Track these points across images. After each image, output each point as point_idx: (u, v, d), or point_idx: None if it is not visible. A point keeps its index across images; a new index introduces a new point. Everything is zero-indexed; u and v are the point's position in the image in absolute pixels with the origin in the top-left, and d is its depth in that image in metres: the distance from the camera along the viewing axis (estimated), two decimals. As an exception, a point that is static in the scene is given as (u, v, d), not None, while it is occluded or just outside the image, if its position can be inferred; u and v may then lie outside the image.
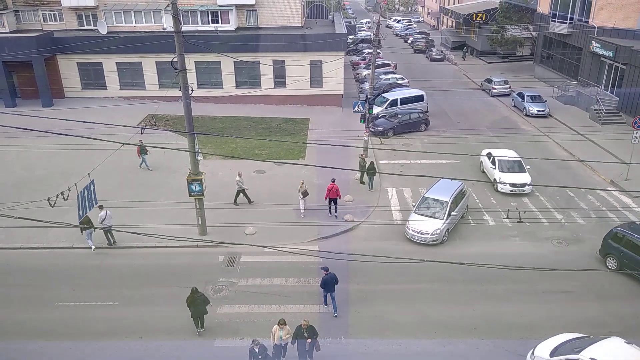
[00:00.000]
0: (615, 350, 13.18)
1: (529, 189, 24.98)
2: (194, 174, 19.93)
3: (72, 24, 42.66)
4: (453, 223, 21.68)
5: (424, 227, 20.74)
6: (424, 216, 21.27)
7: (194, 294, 15.76)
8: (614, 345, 13.38)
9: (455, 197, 21.83)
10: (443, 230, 20.83)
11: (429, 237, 20.66)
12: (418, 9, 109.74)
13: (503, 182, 25.03)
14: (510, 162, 25.90)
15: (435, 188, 22.54)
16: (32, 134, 17.29)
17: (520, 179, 25.12)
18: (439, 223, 20.85)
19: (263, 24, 42.44)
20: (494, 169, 26.03)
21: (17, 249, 20.46)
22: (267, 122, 35.52)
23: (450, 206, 21.32)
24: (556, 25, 42.57)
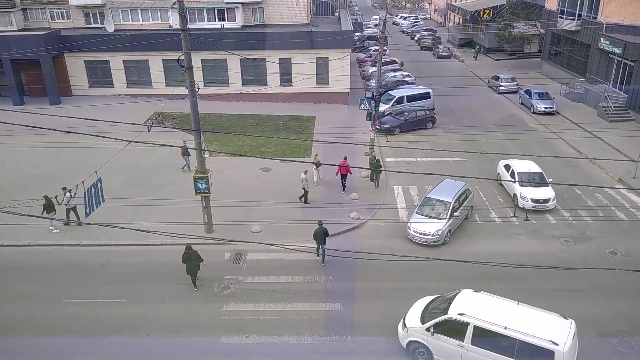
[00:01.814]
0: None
1: (553, 204, 23.17)
2: (200, 172, 19.98)
3: (79, 22, 42.85)
4: (456, 224, 21.38)
5: (425, 227, 20.50)
6: (426, 216, 21.00)
7: (188, 250, 17.28)
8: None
9: (458, 197, 21.57)
10: (445, 231, 20.54)
11: (430, 238, 20.40)
12: (425, 5, 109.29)
13: (524, 198, 23.18)
14: (531, 174, 23.97)
15: (439, 188, 22.34)
16: (40, 132, 17.37)
17: (543, 193, 23.19)
18: (440, 224, 20.56)
19: (269, 22, 42.43)
20: (513, 183, 24.08)
21: (25, 246, 20.60)
22: (273, 120, 35.54)
23: (453, 207, 21.03)
24: (564, 22, 42.24)
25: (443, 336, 13.94)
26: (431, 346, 14.19)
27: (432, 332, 14.05)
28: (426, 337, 14.20)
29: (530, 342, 12.84)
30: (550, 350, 12.56)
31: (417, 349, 14.49)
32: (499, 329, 13.22)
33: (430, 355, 14.36)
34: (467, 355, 13.67)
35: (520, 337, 12.96)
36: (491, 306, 14.10)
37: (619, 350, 15.19)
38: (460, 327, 13.66)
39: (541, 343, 12.71)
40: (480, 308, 13.98)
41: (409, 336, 14.60)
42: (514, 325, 13.21)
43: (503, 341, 13.15)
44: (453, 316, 13.86)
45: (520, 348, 12.91)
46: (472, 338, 13.51)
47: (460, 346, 13.66)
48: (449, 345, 13.86)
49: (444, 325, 13.96)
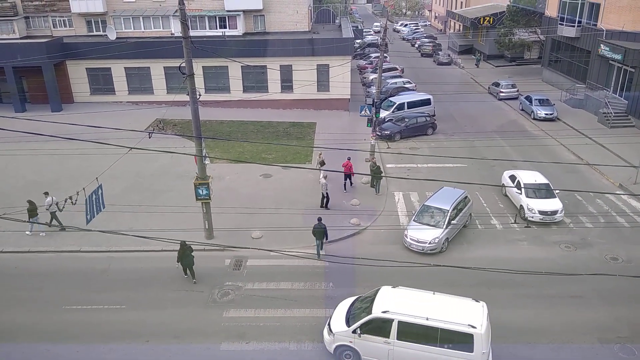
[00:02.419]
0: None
1: (561, 216, 22.63)
2: (201, 178, 20.01)
3: (81, 30, 43.07)
4: (453, 232, 21.19)
5: (423, 235, 20.30)
6: (423, 224, 20.80)
7: (183, 246, 17.83)
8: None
9: (456, 205, 21.40)
10: (442, 239, 20.35)
11: (427, 246, 20.18)
12: (425, 13, 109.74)
13: (531, 210, 22.58)
14: (538, 186, 23.42)
15: (437, 196, 22.22)
16: (42, 139, 17.43)
17: (551, 205, 22.66)
18: (437, 232, 20.38)
19: (270, 29, 42.62)
20: (519, 195, 23.52)
21: (25, 252, 20.62)
22: (274, 126, 35.62)
23: (451, 215, 20.86)
24: (564, 29, 42.38)
25: (370, 336, 14.17)
26: (358, 347, 14.40)
27: (359, 334, 14.23)
28: (353, 340, 14.37)
29: (450, 329, 13.49)
30: (470, 333, 13.30)
31: (344, 352, 14.65)
32: (421, 320, 13.74)
33: (358, 356, 14.57)
34: (393, 351, 14.03)
35: (442, 326, 13.56)
36: (411, 300, 14.63)
37: (620, 357, 15.14)
38: (385, 325, 14.00)
39: (461, 328, 13.42)
40: (401, 303, 14.41)
41: (335, 341, 14.68)
42: (435, 314, 13.81)
43: (426, 332, 13.70)
44: (377, 315, 14.15)
45: (442, 336, 13.55)
46: (397, 333, 13.89)
47: (387, 343, 14.00)
48: (376, 343, 14.14)
49: (369, 325, 14.20)
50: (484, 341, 13.38)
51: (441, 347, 13.54)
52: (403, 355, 13.96)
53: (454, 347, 13.46)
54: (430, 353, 13.66)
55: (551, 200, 22.95)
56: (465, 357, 13.39)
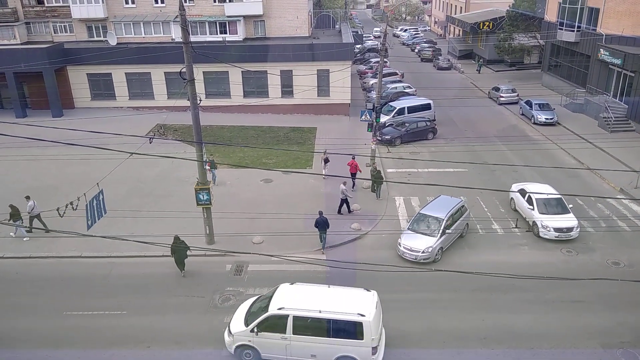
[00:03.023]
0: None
1: (576, 233, 21.57)
2: (201, 183, 20.02)
3: (82, 36, 43.21)
4: (448, 241, 20.80)
5: (416, 244, 19.99)
6: (417, 233, 20.48)
7: (176, 241, 18.50)
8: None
9: (452, 214, 21.04)
10: (436, 249, 19.95)
11: (419, 255, 19.80)
12: (425, 18, 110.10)
13: (546, 227, 21.43)
14: (551, 201, 22.37)
15: (433, 204, 21.91)
16: (42, 144, 17.45)
17: (566, 222, 21.52)
18: (431, 241, 20.00)
19: (271, 34, 42.74)
20: (531, 210, 22.36)
21: (26, 258, 20.60)
22: (275, 131, 35.65)
23: (446, 224, 20.47)
24: (564, 33, 42.50)
25: (267, 333, 14.55)
26: (257, 346, 14.75)
27: (256, 332, 14.57)
28: (252, 338, 14.70)
29: (342, 319, 14.19)
30: (359, 321, 14.02)
31: (244, 351, 14.94)
32: (314, 314, 14.31)
33: (258, 354, 14.88)
34: (290, 346, 14.50)
35: (333, 317, 14.22)
36: (307, 295, 15.12)
37: (623, 362, 15.08)
38: (281, 321, 14.44)
39: (351, 317, 14.14)
40: (297, 299, 14.88)
41: (235, 341, 14.93)
42: (328, 307, 14.42)
43: (320, 324, 14.30)
44: (273, 312, 14.53)
45: (335, 327, 14.20)
46: (293, 328, 14.35)
47: (284, 338, 14.46)
48: (274, 340, 14.55)
49: (266, 322, 14.58)
50: (374, 328, 14.07)
51: (334, 337, 14.23)
52: (299, 348, 14.53)
53: (346, 336, 14.16)
54: (324, 344, 14.33)
55: (566, 216, 21.83)
56: (356, 344, 14.12)
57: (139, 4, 41.95)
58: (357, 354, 14.19)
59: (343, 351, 14.24)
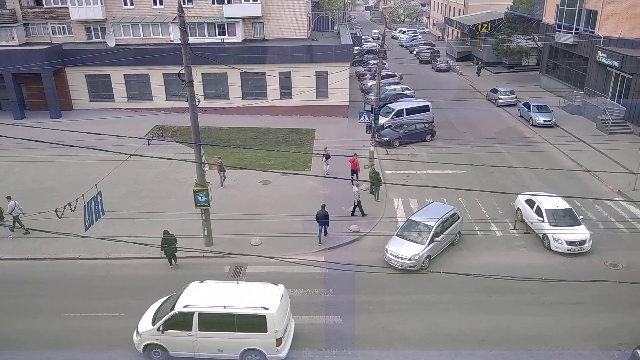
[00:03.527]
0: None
1: (589, 246, 20.75)
2: (200, 185, 20.01)
3: (80, 37, 43.18)
4: (437, 249, 20.35)
5: (402, 250, 19.57)
6: (405, 239, 20.08)
7: (165, 234, 19.34)
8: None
9: (443, 222, 20.59)
10: (422, 256, 19.49)
11: (406, 262, 19.34)
12: (423, 20, 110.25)
13: (557, 240, 20.63)
14: (561, 212, 21.55)
15: (424, 211, 21.56)
16: (41, 146, 17.45)
17: (578, 234, 20.72)
18: (418, 248, 19.58)
19: (269, 36, 42.76)
20: (541, 222, 21.42)
21: (24, 259, 20.56)
22: (273, 133, 35.65)
23: (435, 231, 20.03)
24: (562, 36, 42.58)
25: (173, 331, 14.81)
26: (165, 344, 14.97)
27: (162, 330, 14.80)
28: (159, 337, 14.91)
29: (246, 313, 14.54)
30: (262, 314, 14.39)
31: (152, 349, 15.14)
32: (219, 309, 14.63)
33: (166, 352, 15.10)
34: (197, 342, 14.80)
35: (238, 311, 14.55)
36: (214, 292, 15.42)
37: (621, 364, 15.09)
38: (187, 318, 14.71)
39: (254, 311, 14.49)
40: (204, 296, 15.19)
41: (143, 341, 15.11)
42: (233, 302, 14.74)
43: (225, 319, 14.61)
44: (179, 310, 14.79)
45: (239, 321, 14.54)
46: (199, 325, 14.64)
47: (190, 335, 14.73)
48: (181, 337, 14.82)
49: (172, 320, 14.80)
50: (277, 321, 14.46)
51: (239, 331, 14.56)
52: (206, 344, 14.82)
53: (250, 330, 14.53)
54: (230, 338, 14.68)
55: (577, 228, 21.00)
56: (261, 337, 14.50)
57: (137, 6, 41.95)
58: (262, 346, 14.63)
59: (248, 344, 14.67)
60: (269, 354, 14.67)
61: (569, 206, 22.09)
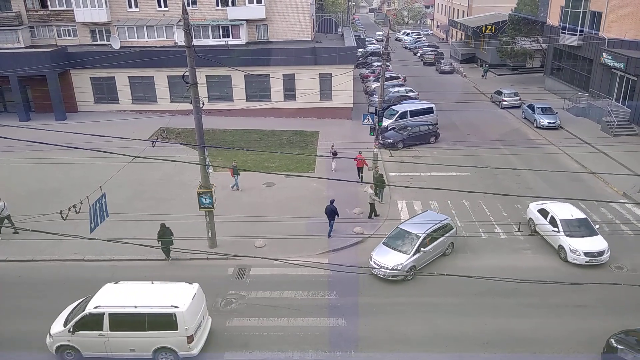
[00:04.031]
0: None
1: (607, 257, 20.06)
2: (204, 187, 20.05)
3: (85, 39, 43.40)
4: (424, 260, 19.68)
5: (386, 260, 19.05)
6: (390, 248, 19.60)
7: (163, 227, 19.83)
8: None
9: (433, 232, 19.97)
10: (406, 266, 18.87)
11: (388, 272, 18.78)
12: (427, 22, 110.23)
13: (575, 251, 19.94)
14: (577, 222, 20.90)
15: (414, 219, 21.12)
16: (46, 148, 17.52)
17: (596, 244, 20.04)
18: (403, 258, 18.99)
19: (273, 38, 42.86)
20: (557, 233, 20.84)
21: (29, 261, 20.64)
22: (277, 135, 35.69)
23: (422, 241, 19.41)
24: (566, 37, 42.49)
25: (85, 332, 14.95)
26: (77, 344, 15.09)
27: (73, 332, 14.93)
28: (70, 338, 15.02)
29: (156, 312, 14.72)
30: (172, 313, 14.61)
31: (65, 350, 15.23)
32: (130, 309, 14.81)
33: (79, 353, 15.20)
34: (109, 342, 14.95)
35: (148, 311, 14.74)
36: (127, 292, 15.60)
37: (627, 367, 14.98)
38: (98, 319, 14.86)
39: (164, 310, 14.69)
40: (117, 297, 15.37)
41: (55, 342, 15.20)
42: (144, 302, 14.95)
43: (136, 319, 14.78)
44: (89, 311, 14.95)
45: (150, 320, 14.71)
46: (109, 325, 14.80)
47: (101, 335, 14.89)
48: (92, 338, 14.96)
49: (83, 321, 14.94)
50: (188, 319, 14.67)
51: (150, 330, 14.72)
52: (117, 344, 14.97)
53: (161, 328, 14.70)
54: (141, 338, 14.84)
55: (595, 238, 20.32)
56: (172, 335, 14.71)
57: (142, 8, 42.13)
58: (174, 344, 14.81)
59: (160, 343, 14.85)
60: (180, 352, 14.89)
61: (584, 215, 21.54)
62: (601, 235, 20.66)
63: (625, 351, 14.62)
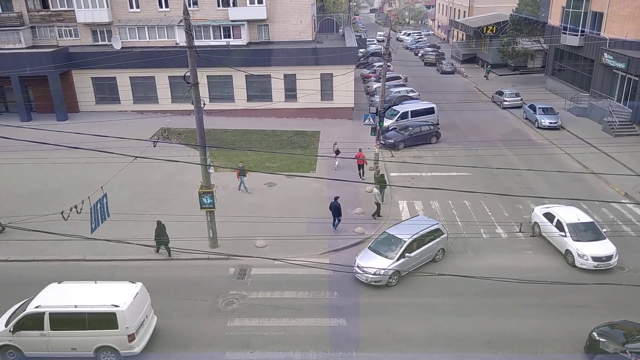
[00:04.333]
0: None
1: (615, 261, 19.70)
2: (205, 187, 20.06)
3: (87, 40, 43.46)
4: (410, 265, 19.18)
5: (369, 264, 18.69)
6: (376, 253, 19.17)
7: (159, 225, 20.10)
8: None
9: (420, 237, 19.45)
10: (389, 272, 18.44)
11: (369, 277, 18.46)
12: (428, 22, 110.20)
13: (582, 256, 19.57)
14: (583, 226, 20.55)
15: (403, 224, 20.69)
16: (47, 148, 17.53)
17: (604, 249, 19.70)
18: (385, 263, 18.58)
19: (274, 39, 42.88)
20: (564, 237, 20.42)
21: (30, 261, 20.66)
22: (278, 135, 35.70)
23: (407, 247, 18.93)
24: (567, 38, 42.46)
25: (26, 331, 15.09)
26: (18, 344, 15.23)
27: (14, 331, 15.08)
28: (11, 338, 15.16)
29: (96, 311, 14.89)
30: (112, 312, 14.79)
31: (7, 350, 15.36)
32: (70, 309, 15.01)
33: (21, 352, 15.34)
34: (50, 341, 15.10)
35: (88, 310, 14.93)
36: (69, 292, 15.77)
37: (628, 367, 14.96)
38: (39, 319, 14.99)
39: (104, 309, 14.88)
40: (59, 296, 15.54)
41: None
42: (85, 301, 15.10)
43: (76, 318, 14.97)
44: (30, 310, 15.08)
45: (90, 319, 14.88)
46: (50, 325, 14.94)
47: (43, 335, 15.02)
48: (33, 337, 15.09)
49: (24, 321, 15.08)
50: (128, 317, 14.82)
51: (91, 329, 14.90)
52: (59, 343, 15.11)
53: (102, 327, 14.87)
54: (82, 337, 15.00)
55: (602, 242, 20.00)
56: (112, 333, 14.86)
57: (143, 9, 42.17)
58: (115, 343, 14.96)
59: (101, 341, 15.00)
60: (122, 350, 15.02)
61: (591, 219, 21.25)
62: (609, 239, 20.29)
63: (607, 344, 14.90)
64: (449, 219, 23.74)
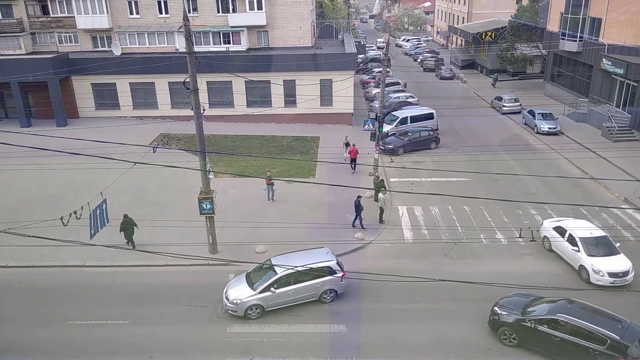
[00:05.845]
0: None
1: (632, 277, 18.97)
2: (205, 193, 20.05)
3: (86, 46, 43.54)
4: (277, 302, 17.59)
5: (233, 291, 17.63)
6: (247, 280, 18.03)
7: (125, 218, 21.03)
8: None
9: (296, 273, 17.57)
10: (247, 304, 17.12)
11: (227, 305, 17.35)
12: (427, 28, 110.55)
13: (598, 272, 18.91)
14: (597, 240, 19.90)
15: (296, 254, 18.77)
16: (47, 154, 17.53)
17: (620, 264, 19.05)
18: (245, 293, 17.35)
19: (274, 45, 42.97)
20: (577, 252, 19.79)
21: (30, 267, 20.61)
22: (278, 141, 35.73)
23: (277, 280, 17.43)
24: (566, 43, 42.59)
25: None
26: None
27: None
28: None
29: None
30: None
31: None
32: None
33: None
34: None
35: None
36: None
37: (629, 373, 14.91)
38: None
39: None
40: None
41: None
42: None
43: None
44: None
45: None
46: None
47: None
48: None
49: None
50: None
51: None
52: None
53: None
54: None
55: (618, 257, 19.36)
56: None
57: (143, 15, 42.29)
58: None
59: None
60: None
61: (604, 233, 20.67)
62: (623, 254, 19.73)
63: (507, 315, 16.30)
64: (448, 225, 23.74)
